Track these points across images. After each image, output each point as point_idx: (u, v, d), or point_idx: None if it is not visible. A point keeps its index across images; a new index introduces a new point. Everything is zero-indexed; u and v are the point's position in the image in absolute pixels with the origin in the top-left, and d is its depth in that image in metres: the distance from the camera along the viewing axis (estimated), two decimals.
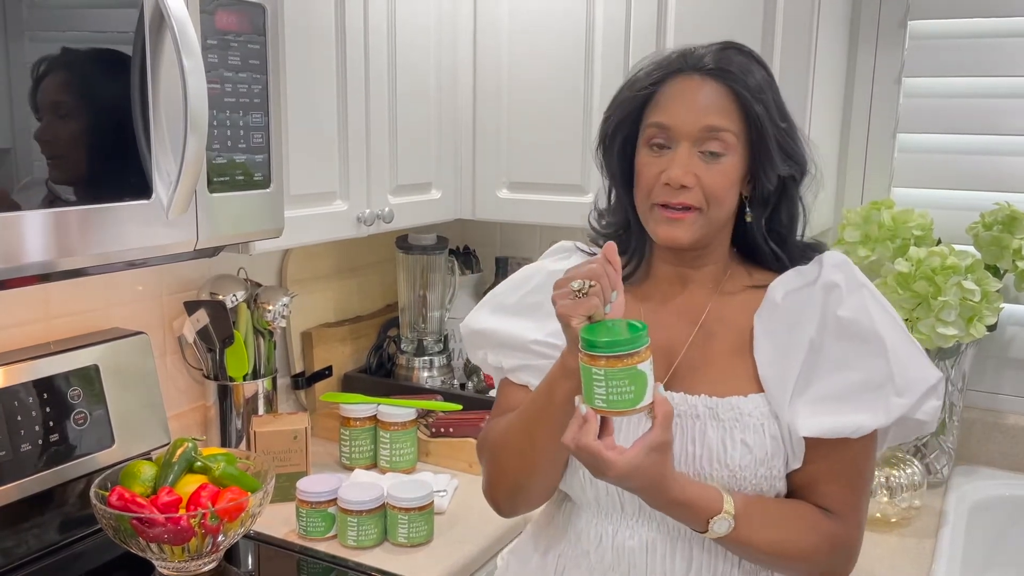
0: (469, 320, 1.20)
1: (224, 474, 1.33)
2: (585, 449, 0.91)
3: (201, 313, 1.63)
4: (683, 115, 1.01)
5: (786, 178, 1.05)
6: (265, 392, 1.74)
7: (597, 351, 0.88)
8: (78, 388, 1.42)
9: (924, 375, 1.01)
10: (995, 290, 1.60)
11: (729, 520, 0.97)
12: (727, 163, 1.01)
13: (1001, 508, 1.69)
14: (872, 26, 1.83)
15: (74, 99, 1.03)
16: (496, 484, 1.12)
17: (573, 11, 1.74)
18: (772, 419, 1.02)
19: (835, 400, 1.00)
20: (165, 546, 1.25)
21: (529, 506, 1.14)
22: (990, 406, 1.84)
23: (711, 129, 1.00)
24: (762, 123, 1.01)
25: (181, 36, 1.06)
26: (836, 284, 1.03)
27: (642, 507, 1.04)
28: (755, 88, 1.02)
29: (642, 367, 0.89)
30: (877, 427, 1.00)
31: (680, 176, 1.00)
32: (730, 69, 1.02)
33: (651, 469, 0.92)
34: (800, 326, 1.02)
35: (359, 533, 1.45)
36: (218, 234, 1.22)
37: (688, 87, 1.02)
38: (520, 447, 1.06)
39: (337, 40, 1.53)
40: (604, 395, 0.90)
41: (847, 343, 1.01)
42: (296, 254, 1.92)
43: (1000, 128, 1.76)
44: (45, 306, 1.48)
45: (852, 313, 1.01)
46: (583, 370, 0.91)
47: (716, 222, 1.04)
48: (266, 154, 1.27)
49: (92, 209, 1.05)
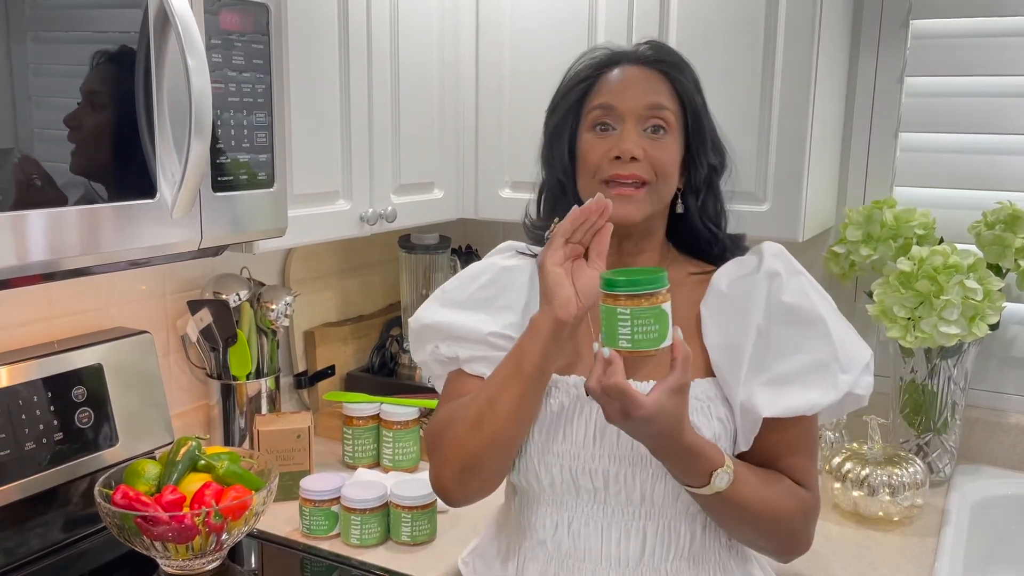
0: (419, 314, 1.20)
1: (228, 473, 1.34)
2: (613, 388, 0.90)
3: (204, 312, 1.63)
4: (627, 94, 1.07)
5: (712, 169, 1.11)
6: (268, 391, 1.74)
7: (621, 290, 0.90)
8: (82, 387, 1.42)
9: (860, 353, 1.08)
10: (997, 289, 1.60)
11: (730, 474, 0.99)
12: (670, 140, 1.07)
13: (1003, 507, 1.69)
14: (874, 25, 1.83)
15: (78, 99, 1.03)
16: (447, 463, 1.08)
17: (575, 10, 1.74)
18: (719, 402, 1.07)
19: (789, 381, 1.05)
20: (169, 544, 1.25)
21: (480, 490, 1.10)
22: (992, 405, 1.84)
23: (655, 107, 1.06)
24: (698, 107, 1.09)
25: (185, 36, 1.06)
26: (778, 272, 1.08)
27: (596, 491, 1.07)
28: (689, 79, 1.09)
29: (665, 307, 0.91)
30: (829, 403, 1.05)
31: (630, 147, 1.05)
32: (666, 59, 1.10)
33: (673, 412, 0.93)
34: (747, 313, 1.07)
35: (362, 532, 1.46)
36: (222, 233, 1.22)
37: (629, 72, 1.09)
38: (479, 418, 1.04)
39: (340, 40, 1.54)
40: (630, 335, 0.90)
41: (794, 328, 1.06)
42: (298, 253, 1.92)
43: (1002, 127, 1.76)
44: (49, 305, 1.48)
45: (795, 299, 1.07)
46: (605, 312, 0.92)
47: (663, 199, 1.09)
48: (269, 154, 1.28)
49: (96, 208, 1.05)
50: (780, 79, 1.57)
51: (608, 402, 0.92)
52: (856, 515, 1.59)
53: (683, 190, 1.12)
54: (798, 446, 1.09)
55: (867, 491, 1.56)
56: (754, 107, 1.59)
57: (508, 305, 1.15)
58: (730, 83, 1.59)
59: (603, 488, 1.07)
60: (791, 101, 1.57)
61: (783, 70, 1.57)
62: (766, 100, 1.59)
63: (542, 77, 1.80)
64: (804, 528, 1.09)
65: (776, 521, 1.05)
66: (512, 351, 1.05)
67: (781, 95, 1.57)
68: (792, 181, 1.59)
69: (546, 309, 1.01)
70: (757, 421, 1.05)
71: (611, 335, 0.91)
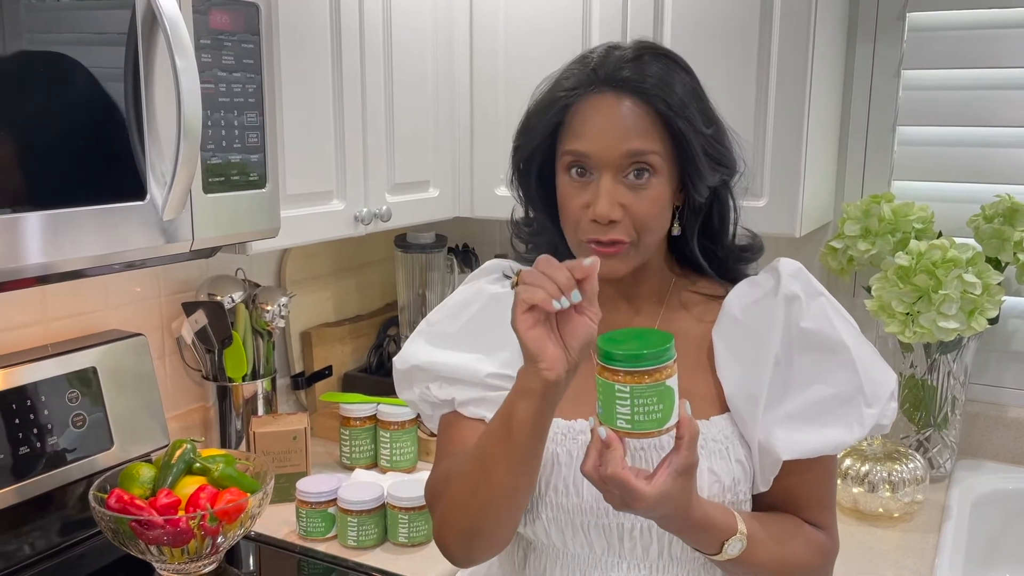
0: (405, 354, 1.08)
1: (223, 475, 1.33)
2: (613, 479, 0.82)
3: (199, 314, 1.63)
4: (601, 141, 0.93)
5: (715, 186, 1.00)
6: (264, 392, 1.73)
7: (620, 364, 0.79)
8: (76, 390, 1.41)
9: (886, 379, 0.99)
10: (996, 283, 1.60)
11: (743, 541, 0.93)
12: (655, 186, 0.95)
13: (1004, 502, 1.68)
14: (871, 18, 1.82)
15: (67, 100, 1.02)
16: (448, 527, 0.98)
17: (569, 7, 1.73)
18: (738, 442, 0.98)
19: (810, 418, 0.97)
20: (165, 548, 1.25)
21: (486, 552, 1.00)
22: (992, 400, 1.83)
23: (633, 154, 0.93)
24: (687, 138, 0.94)
25: (174, 36, 1.05)
26: (796, 295, 0.99)
27: (610, 547, 0.98)
28: (676, 102, 0.94)
29: (670, 382, 0.81)
30: (855, 440, 0.98)
31: (607, 212, 0.93)
32: (646, 84, 0.93)
33: (680, 496, 0.85)
34: (764, 341, 0.98)
35: (359, 533, 1.45)
36: (214, 235, 1.21)
37: (603, 107, 0.94)
38: (474, 484, 0.93)
39: (332, 38, 1.53)
40: (629, 415, 0.80)
41: (816, 355, 0.98)
42: (294, 254, 1.91)
43: (1000, 120, 1.75)
44: (42, 308, 1.47)
45: (815, 324, 0.98)
46: (602, 386, 0.82)
47: (651, 248, 0.99)
48: (261, 154, 1.27)
49: (86, 211, 1.04)
50: (776, 73, 1.56)
51: (607, 490, 0.85)
52: (856, 512, 1.58)
53: (682, 208, 1.01)
54: (818, 487, 1.02)
55: (867, 487, 1.56)
56: (750, 102, 1.58)
57: (503, 340, 0.98)
58: (726, 78, 1.58)
59: (618, 544, 0.98)
60: (787, 95, 1.56)
61: (779, 64, 1.56)
62: (762, 95, 1.58)
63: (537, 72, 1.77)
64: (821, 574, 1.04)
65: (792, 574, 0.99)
66: (501, 411, 0.91)
67: (777, 90, 1.56)
68: (789, 176, 1.58)
69: (531, 369, 0.85)
70: (777, 463, 0.97)
71: (608, 413, 0.82)
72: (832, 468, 1.04)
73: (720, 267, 1.06)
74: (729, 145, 1.00)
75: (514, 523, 0.97)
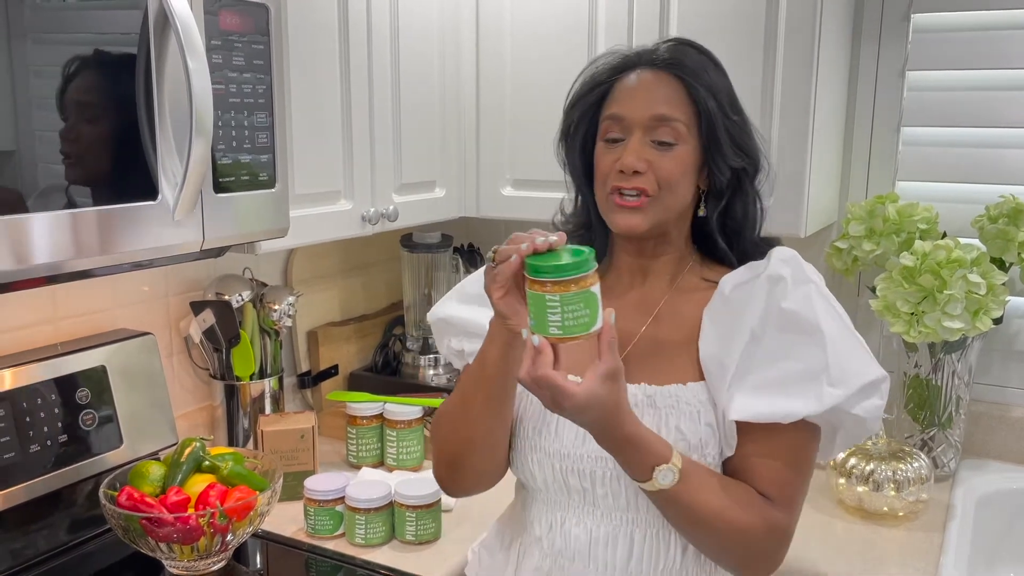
0: (435, 308, 1.23)
1: (232, 473, 1.34)
2: (542, 380, 0.90)
3: (207, 313, 1.63)
4: (632, 105, 1.05)
5: (739, 171, 1.07)
6: (272, 391, 1.74)
7: (547, 276, 0.88)
8: (86, 389, 1.42)
9: (862, 369, 1.01)
10: (1001, 283, 1.60)
11: (675, 473, 0.96)
12: (679, 151, 1.05)
13: (1009, 501, 1.68)
14: (875, 19, 1.82)
15: (79, 101, 1.03)
16: (437, 459, 1.15)
17: (575, 7, 1.73)
18: (709, 406, 1.04)
19: (770, 388, 1.01)
20: (174, 545, 1.25)
21: (470, 483, 1.14)
22: (997, 399, 1.84)
23: (661, 118, 1.04)
24: (712, 114, 1.04)
25: (185, 37, 1.06)
26: (782, 277, 1.03)
27: (584, 492, 1.06)
28: (706, 81, 1.05)
29: (594, 289, 0.89)
30: (808, 414, 0.99)
31: (632, 162, 1.03)
32: (683, 62, 1.06)
33: (608, 398, 0.91)
34: (743, 316, 1.03)
35: (367, 531, 1.46)
36: (224, 234, 1.22)
37: (642, 80, 1.07)
38: (455, 419, 1.09)
39: (340, 39, 1.53)
40: (560, 321, 0.88)
41: (788, 335, 1.01)
42: (301, 253, 1.92)
43: (1005, 121, 1.75)
44: (52, 308, 1.48)
45: (795, 305, 1.01)
46: (533, 299, 0.90)
47: (671, 209, 1.07)
48: (271, 154, 1.27)
49: (98, 211, 1.05)
50: (781, 74, 1.57)
51: (540, 392, 0.92)
52: (861, 511, 1.59)
53: (707, 192, 1.10)
54: (774, 458, 1.02)
55: (872, 486, 1.56)
56: (755, 102, 1.58)
57: None
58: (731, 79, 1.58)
59: (591, 489, 1.06)
60: (792, 96, 1.57)
61: (784, 65, 1.56)
62: (767, 95, 1.58)
63: (543, 73, 1.81)
64: (766, 547, 1.02)
65: (726, 531, 0.99)
66: (478, 355, 1.06)
67: (782, 90, 1.57)
68: (794, 176, 1.58)
69: (500, 322, 1.00)
70: (732, 426, 1.02)
71: (540, 322, 0.90)
72: (794, 445, 1.03)
73: (740, 258, 1.10)
74: (753, 139, 1.09)
75: (492, 458, 1.10)
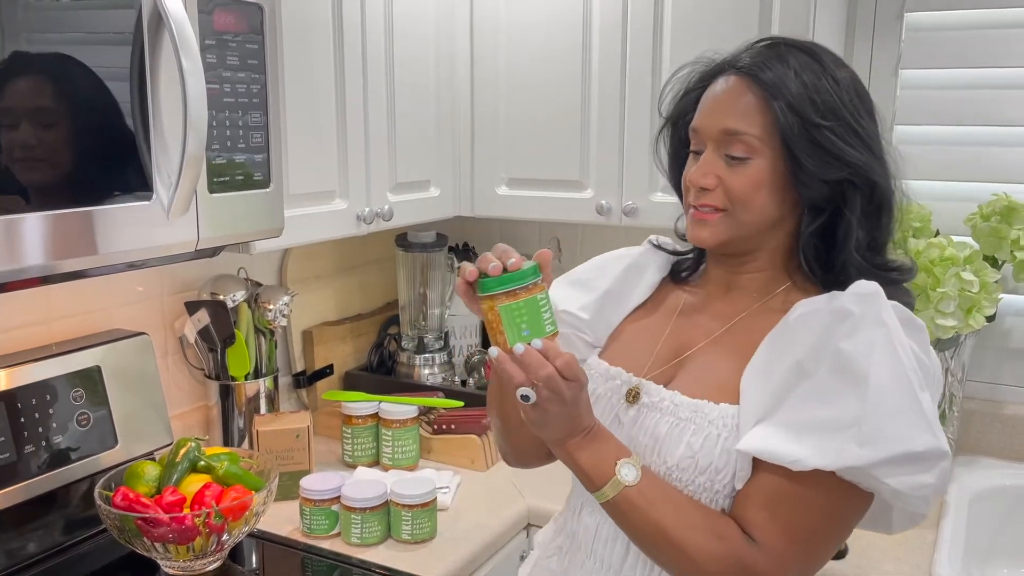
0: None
1: (228, 473, 1.34)
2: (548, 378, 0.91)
3: (202, 313, 1.63)
4: (706, 118, 1.01)
5: (842, 184, 0.96)
6: (267, 391, 1.74)
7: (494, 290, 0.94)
8: (80, 389, 1.42)
9: (906, 435, 0.87)
10: (993, 281, 1.61)
11: (636, 470, 0.95)
12: (753, 166, 0.97)
13: (1002, 498, 1.69)
14: (869, 18, 1.83)
15: (74, 101, 1.03)
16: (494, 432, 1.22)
17: (570, 6, 1.74)
18: (732, 432, 0.96)
19: (792, 428, 0.91)
20: (170, 546, 1.25)
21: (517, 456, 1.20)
22: (990, 396, 1.85)
23: (728, 132, 0.98)
24: (787, 124, 0.94)
25: (179, 37, 1.06)
26: (850, 313, 0.92)
27: None
28: (787, 87, 0.95)
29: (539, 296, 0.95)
30: (818, 467, 0.89)
31: (698, 179, 1.00)
32: (762, 69, 0.97)
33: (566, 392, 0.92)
34: (793, 346, 0.95)
35: (363, 530, 1.46)
36: (218, 234, 1.22)
37: (722, 89, 1.00)
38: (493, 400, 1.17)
39: (335, 39, 1.53)
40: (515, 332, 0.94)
41: (835, 378, 0.91)
42: (296, 253, 1.92)
43: (997, 119, 1.76)
44: (46, 308, 1.48)
45: (853, 348, 0.90)
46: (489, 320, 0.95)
47: (748, 224, 0.99)
48: (265, 154, 1.27)
49: (93, 211, 1.05)
50: None
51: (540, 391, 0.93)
52: None
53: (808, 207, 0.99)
54: (773, 502, 0.93)
55: None
56: None
57: (593, 286, 1.17)
58: None
59: None
60: None
61: None
62: None
63: (538, 72, 1.81)
64: None
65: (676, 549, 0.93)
66: None
67: None
68: None
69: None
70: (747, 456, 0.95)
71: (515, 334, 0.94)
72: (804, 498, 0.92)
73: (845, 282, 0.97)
74: (860, 147, 0.96)
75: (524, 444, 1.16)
